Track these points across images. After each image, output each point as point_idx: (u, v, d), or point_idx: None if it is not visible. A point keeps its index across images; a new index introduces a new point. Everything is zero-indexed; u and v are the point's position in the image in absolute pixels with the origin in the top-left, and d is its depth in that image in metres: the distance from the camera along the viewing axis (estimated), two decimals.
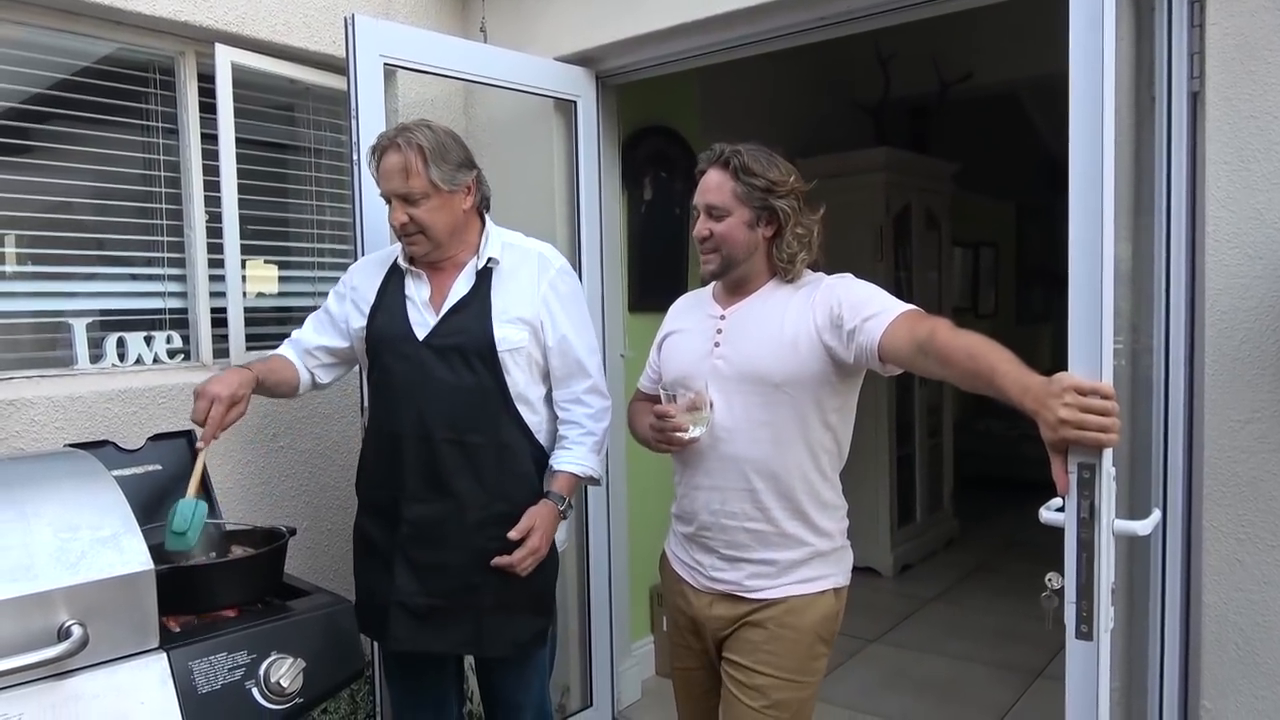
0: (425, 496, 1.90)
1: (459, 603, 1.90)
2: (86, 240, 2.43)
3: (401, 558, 1.92)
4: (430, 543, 1.90)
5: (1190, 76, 1.78)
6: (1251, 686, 1.75)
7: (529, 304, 1.94)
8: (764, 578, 1.77)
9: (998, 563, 4.87)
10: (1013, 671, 3.52)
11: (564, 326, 1.97)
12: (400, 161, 1.86)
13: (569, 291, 2.01)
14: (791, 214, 1.76)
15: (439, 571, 1.90)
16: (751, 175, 1.74)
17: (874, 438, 4.51)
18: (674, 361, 1.89)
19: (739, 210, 1.75)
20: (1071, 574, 1.29)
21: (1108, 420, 1.23)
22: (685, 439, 1.75)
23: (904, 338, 1.56)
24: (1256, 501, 1.73)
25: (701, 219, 1.79)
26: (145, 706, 1.35)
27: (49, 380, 2.22)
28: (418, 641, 1.93)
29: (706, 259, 1.80)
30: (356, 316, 2.03)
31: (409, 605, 1.91)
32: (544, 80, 2.77)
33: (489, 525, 1.89)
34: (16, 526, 1.33)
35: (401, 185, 1.86)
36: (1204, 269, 1.78)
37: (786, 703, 1.74)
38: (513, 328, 1.92)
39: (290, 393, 2.10)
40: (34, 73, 2.28)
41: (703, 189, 1.79)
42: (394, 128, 1.94)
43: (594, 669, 2.98)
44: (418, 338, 1.92)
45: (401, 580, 1.91)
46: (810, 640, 1.76)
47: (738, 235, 1.76)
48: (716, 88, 3.70)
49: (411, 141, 1.86)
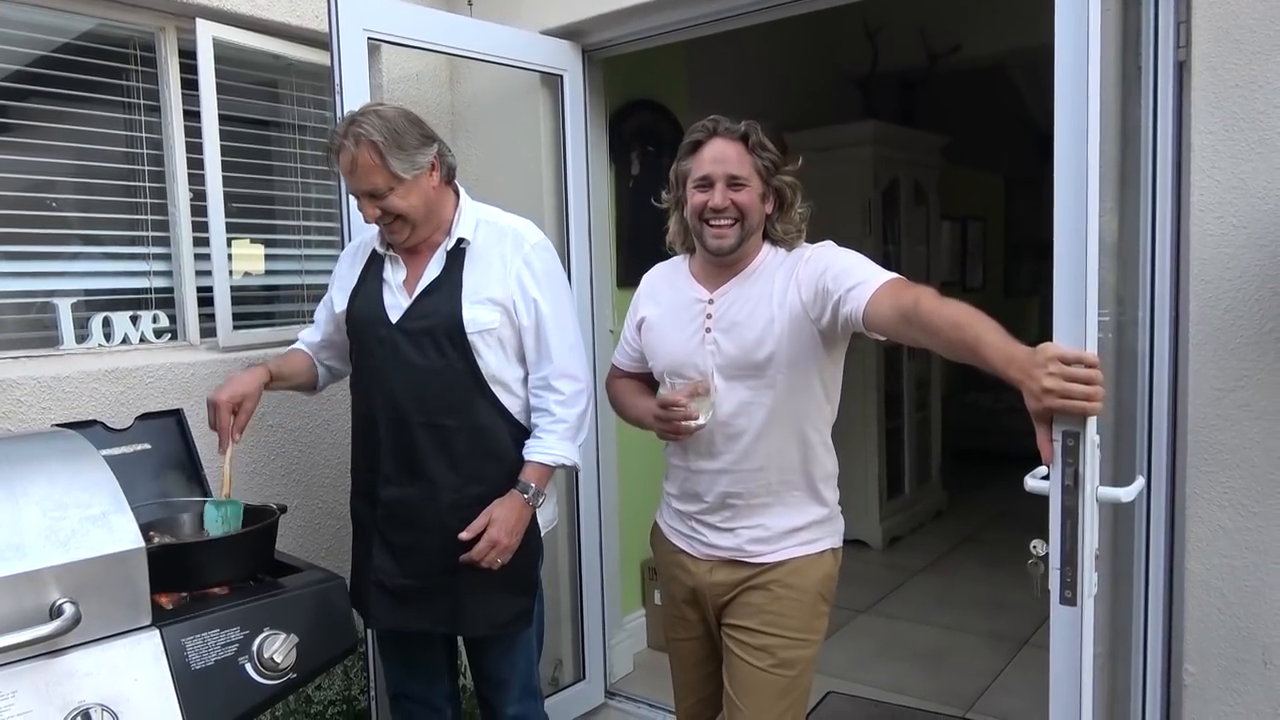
0: (398, 479, 1.92)
1: (435, 583, 1.91)
2: (70, 220, 2.41)
3: (379, 539, 1.94)
4: (404, 525, 1.92)
5: (1177, 46, 1.78)
6: (1233, 651, 1.77)
7: (500, 283, 1.90)
8: (764, 543, 1.79)
9: (985, 534, 4.92)
10: (1000, 640, 3.57)
11: (538, 306, 1.92)
12: (355, 160, 1.81)
13: (544, 269, 1.94)
14: (792, 193, 1.78)
15: (414, 553, 1.92)
16: (765, 150, 1.75)
17: (863, 411, 4.54)
18: (662, 348, 1.87)
19: (755, 183, 1.75)
20: (1056, 540, 1.31)
21: (1092, 389, 1.24)
22: (693, 427, 1.75)
23: (888, 307, 1.56)
24: (1239, 469, 1.75)
25: (719, 190, 1.72)
26: (139, 683, 1.36)
27: (35, 360, 2.21)
28: (396, 620, 1.96)
29: (722, 233, 1.74)
30: (342, 302, 2.04)
31: (387, 585, 1.93)
32: (530, 54, 2.74)
33: (462, 508, 1.88)
34: (6, 506, 1.33)
35: (365, 183, 1.83)
36: (1189, 239, 1.78)
37: (793, 661, 1.78)
38: (483, 309, 1.89)
39: (310, 383, 2.16)
40: (12, 49, 2.24)
41: (719, 159, 1.73)
42: (343, 120, 1.88)
43: (586, 642, 3.00)
44: (391, 320, 1.92)
45: (380, 560, 1.93)
46: (813, 599, 1.80)
47: (756, 207, 1.75)
48: (704, 61, 3.68)
49: (361, 138, 1.80)
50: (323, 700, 2.58)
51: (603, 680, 3.07)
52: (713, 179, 1.73)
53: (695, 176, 1.76)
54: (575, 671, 3.03)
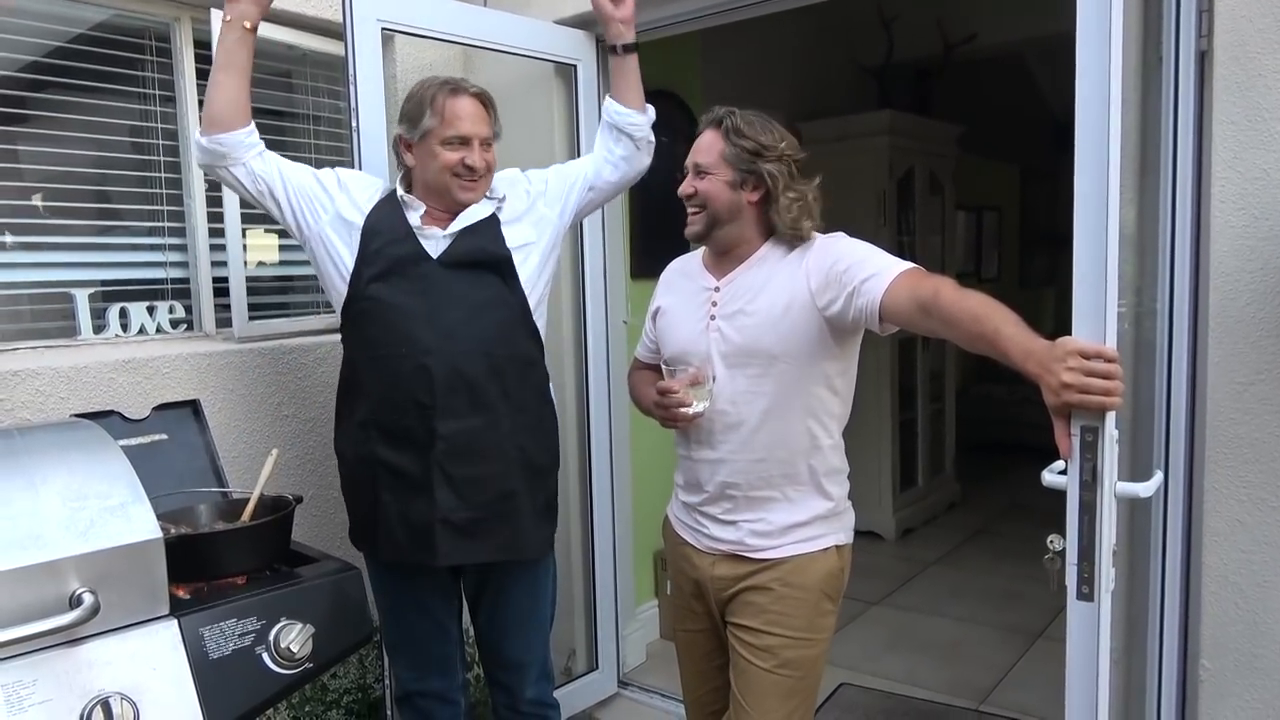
0: (460, 411, 1.91)
1: (495, 512, 1.95)
2: (87, 210, 2.42)
3: (440, 475, 1.91)
4: (466, 456, 1.92)
5: (1199, 35, 1.76)
6: (1251, 646, 1.76)
7: (525, 211, 2.06)
8: (766, 537, 1.78)
9: (999, 526, 4.91)
10: (1014, 633, 3.56)
11: (542, 177, 2.14)
12: (480, 107, 1.97)
13: (538, 172, 2.16)
14: (780, 178, 1.73)
15: (475, 484, 1.93)
16: (742, 137, 1.73)
17: (876, 403, 4.52)
18: (671, 336, 1.88)
19: (722, 170, 1.75)
20: (1073, 536, 1.30)
21: (1111, 384, 1.23)
22: (690, 414, 1.75)
23: (906, 297, 1.55)
24: (1258, 463, 1.74)
25: (688, 177, 1.79)
26: (157, 672, 1.37)
27: (53, 351, 2.23)
28: (464, 554, 1.95)
29: (691, 219, 1.80)
30: (328, 215, 1.97)
31: (453, 520, 1.92)
32: (544, 44, 2.73)
33: (518, 433, 1.95)
34: (26, 495, 1.34)
35: (485, 129, 1.98)
36: (1209, 230, 1.76)
37: (797, 661, 1.76)
38: (513, 229, 2.01)
39: (234, 114, 1.91)
40: (29, 40, 2.25)
41: (694, 149, 1.80)
42: (444, 76, 2.02)
43: (599, 633, 3.01)
44: (431, 256, 1.93)
45: (442, 496, 1.91)
46: (816, 598, 1.78)
47: (720, 194, 1.75)
48: (719, 51, 3.66)
49: (479, 91, 1.99)
50: (338, 689, 2.59)
51: (615, 670, 3.08)
52: (687, 168, 1.79)
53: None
54: (588, 661, 3.04)
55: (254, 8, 1.91)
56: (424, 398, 1.90)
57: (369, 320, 1.94)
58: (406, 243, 1.93)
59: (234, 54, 1.90)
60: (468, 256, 1.94)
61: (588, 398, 2.94)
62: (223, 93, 1.90)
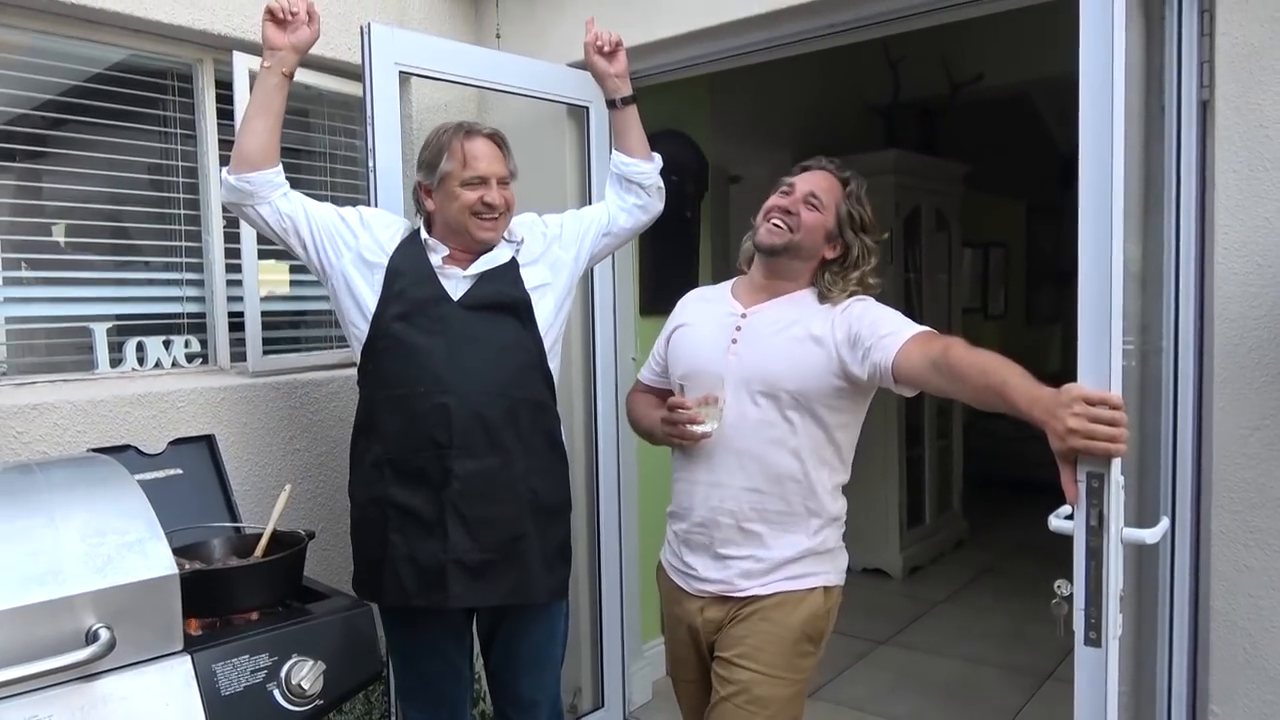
0: (477, 451, 1.92)
1: (505, 554, 1.95)
2: (105, 245, 2.46)
3: (454, 515, 1.91)
4: (480, 497, 1.93)
5: (1200, 85, 1.79)
6: (1259, 691, 1.76)
7: (541, 254, 2.10)
8: (753, 576, 1.79)
9: (1007, 564, 4.88)
10: (1022, 674, 3.53)
11: (559, 217, 2.19)
12: (494, 147, 2.01)
13: (553, 217, 2.20)
14: (862, 258, 1.84)
15: (488, 525, 1.93)
16: (859, 205, 1.85)
17: (884, 439, 4.52)
18: (686, 353, 1.91)
19: (829, 216, 1.82)
20: (1080, 581, 1.31)
21: (1116, 430, 1.25)
22: (699, 433, 1.77)
23: (918, 355, 1.60)
24: (1264, 508, 1.74)
25: (794, 198, 1.83)
26: (170, 708, 1.38)
27: (70, 384, 2.26)
28: (475, 597, 1.95)
29: (776, 230, 1.83)
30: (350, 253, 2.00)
31: (465, 562, 1.92)
32: (557, 86, 2.79)
33: (530, 475, 1.97)
34: (46, 532, 1.36)
35: (502, 168, 2.01)
36: (1213, 276, 1.79)
37: (766, 699, 1.74)
38: (531, 270, 2.05)
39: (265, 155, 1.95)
40: (50, 80, 2.31)
41: (812, 180, 1.85)
42: (459, 120, 2.07)
43: (605, 670, 3.00)
44: (452, 297, 1.96)
45: (455, 537, 1.91)
46: (795, 637, 1.76)
47: (816, 232, 1.82)
48: (728, 91, 3.71)
49: (493, 132, 2.05)
50: None
51: (621, 708, 3.07)
52: (796, 189, 1.84)
53: (783, 182, 1.88)
54: (594, 699, 3.03)
55: (293, 55, 1.98)
56: (441, 436, 1.91)
57: (389, 358, 1.96)
58: (429, 284, 1.96)
59: (271, 98, 1.96)
60: (487, 300, 1.97)
61: (596, 433, 2.96)
62: (255, 135, 1.94)
